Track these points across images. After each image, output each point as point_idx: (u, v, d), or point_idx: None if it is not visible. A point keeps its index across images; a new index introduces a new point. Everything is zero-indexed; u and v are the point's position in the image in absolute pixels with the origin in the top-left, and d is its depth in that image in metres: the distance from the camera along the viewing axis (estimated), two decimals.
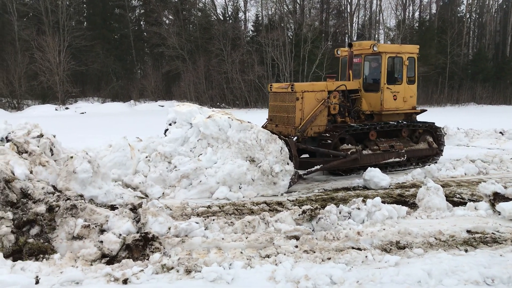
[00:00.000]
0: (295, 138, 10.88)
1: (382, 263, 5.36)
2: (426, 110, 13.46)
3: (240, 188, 8.95)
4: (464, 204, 8.03)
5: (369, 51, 12.00)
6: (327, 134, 11.13)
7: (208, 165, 9.25)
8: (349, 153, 10.84)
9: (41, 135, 7.88)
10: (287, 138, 9.78)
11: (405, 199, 8.83)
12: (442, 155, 12.98)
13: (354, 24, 49.01)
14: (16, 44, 40.93)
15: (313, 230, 6.43)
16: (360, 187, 10.02)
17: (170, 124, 10.53)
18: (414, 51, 12.55)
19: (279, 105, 11.57)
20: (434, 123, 12.91)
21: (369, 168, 10.13)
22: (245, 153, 9.21)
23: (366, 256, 5.51)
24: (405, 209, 7.49)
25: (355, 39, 47.45)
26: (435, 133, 12.87)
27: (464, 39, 47.46)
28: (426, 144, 12.56)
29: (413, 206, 8.14)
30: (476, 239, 6.30)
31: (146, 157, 9.72)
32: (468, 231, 6.60)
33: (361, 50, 12.40)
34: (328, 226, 6.45)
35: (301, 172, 9.92)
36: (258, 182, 9.00)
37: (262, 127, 11.88)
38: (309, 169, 10.21)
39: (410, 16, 48.79)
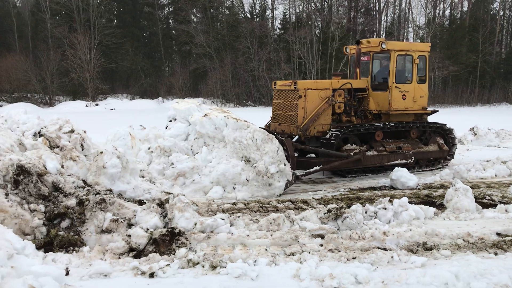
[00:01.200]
0: (297, 137, 10.67)
1: (408, 264, 5.31)
2: (437, 111, 12.99)
3: (234, 188, 8.73)
4: (494, 206, 7.85)
5: (378, 48, 11.57)
6: (328, 135, 10.76)
7: (203, 164, 9.06)
8: (351, 154, 10.52)
9: (72, 131, 8.07)
10: (283, 138, 9.45)
11: (432, 199, 8.70)
12: (453, 157, 12.43)
13: (382, 22, 48.41)
14: (49, 42, 42.03)
15: (338, 229, 6.41)
16: (387, 187, 9.91)
17: (170, 121, 10.39)
18: (425, 49, 12.07)
19: (282, 103, 11.36)
20: (445, 124, 12.40)
21: (396, 168, 10.00)
22: (240, 153, 8.92)
23: (392, 257, 5.46)
24: (432, 210, 7.39)
25: (383, 37, 46.83)
26: (446, 135, 12.35)
27: (497, 37, 46.22)
28: (437, 146, 12.04)
29: (441, 207, 8.02)
30: (507, 242, 6.16)
31: (149, 148, 9.53)
32: (498, 234, 6.47)
33: (370, 48, 12.00)
34: (353, 226, 6.42)
35: (299, 173, 9.64)
36: (252, 183, 8.69)
37: (266, 125, 11.82)
38: (307, 170, 9.96)
39: (441, 14, 47.83)
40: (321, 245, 5.93)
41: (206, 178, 8.86)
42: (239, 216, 6.89)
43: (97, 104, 39.66)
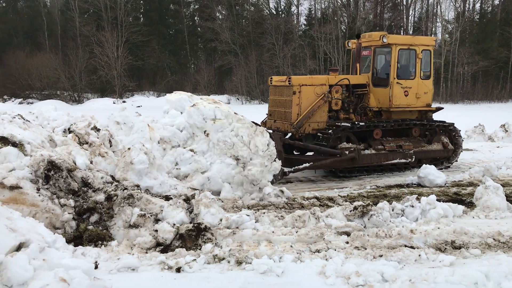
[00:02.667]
0: (289, 134, 10.32)
1: (436, 263, 5.23)
2: (442, 108, 12.45)
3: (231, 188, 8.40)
4: None
5: (379, 42, 11.06)
6: (319, 134, 10.40)
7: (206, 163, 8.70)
8: (346, 152, 10.07)
9: (95, 128, 8.22)
10: (271, 132, 9.04)
11: (461, 197, 8.53)
12: (458, 156, 11.86)
13: (410, 17, 47.60)
14: (77, 40, 42.85)
15: (364, 227, 6.35)
16: (414, 184, 9.77)
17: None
18: (429, 43, 11.52)
19: (278, 99, 10.99)
20: (453, 123, 11.77)
21: (424, 165, 9.84)
22: (228, 152, 8.45)
23: (419, 255, 5.38)
24: (461, 208, 7.25)
25: (411, 32, 46.06)
26: (451, 133, 11.74)
27: None
28: (440, 145, 11.48)
29: (470, 205, 7.86)
30: None
31: (158, 142, 9.07)
32: None
33: (371, 42, 11.49)
34: (380, 223, 6.35)
35: (287, 169, 9.37)
36: (246, 186, 8.34)
37: (262, 122, 11.46)
38: (296, 167, 9.58)
39: (470, 8, 46.71)
40: (347, 242, 5.89)
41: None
42: (264, 213, 6.89)
43: (124, 101, 40.25)
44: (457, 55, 40.19)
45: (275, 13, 47.11)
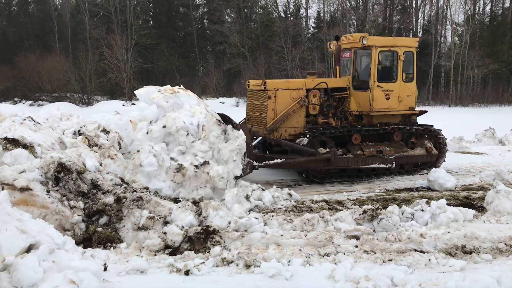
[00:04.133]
0: (260, 138, 9.91)
1: (446, 267, 5.19)
2: (426, 112, 11.88)
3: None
4: None
5: (359, 44, 10.67)
6: (291, 139, 10.05)
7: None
8: (319, 150, 9.69)
9: (104, 130, 8.24)
10: (239, 123, 8.73)
11: (472, 201, 8.45)
12: (445, 160, 11.46)
13: (419, 20, 47.31)
14: (87, 43, 43.14)
15: (374, 231, 6.32)
16: (424, 188, 9.70)
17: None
18: (412, 45, 11.08)
19: (254, 103, 10.69)
20: (432, 125, 11.33)
21: (433, 169, 9.76)
22: (191, 150, 8.11)
23: (429, 259, 5.35)
24: (472, 212, 7.18)
25: (420, 35, 45.84)
26: (435, 138, 11.34)
27: None
28: (424, 150, 11.10)
29: (481, 209, 7.79)
30: None
31: (147, 132, 8.64)
32: None
33: (351, 44, 11.10)
34: (389, 227, 6.31)
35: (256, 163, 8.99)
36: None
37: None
38: (266, 162, 9.22)
39: (480, 10, 46.39)
40: (356, 246, 5.86)
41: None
42: (272, 216, 6.88)
43: (133, 104, 40.36)
44: (467, 58, 39.90)
45: (283, 16, 47.11)
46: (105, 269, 4.95)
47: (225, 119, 8.59)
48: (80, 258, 5.03)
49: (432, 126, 11.33)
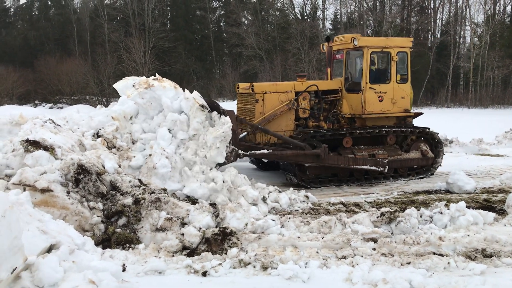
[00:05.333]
0: (245, 134, 9.65)
1: (466, 271, 5.11)
2: (422, 113, 11.73)
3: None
4: None
5: (350, 45, 10.40)
6: (281, 143, 9.73)
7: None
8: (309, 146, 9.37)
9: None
10: (227, 110, 8.55)
11: (492, 204, 8.31)
12: (441, 165, 11.04)
13: (438, 21, 46.79)
14: (106, 46, 43.68)
15: (392, 233, 6.27)
16: (443, 190, 9.58)
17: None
18: (405, 45, 10.74)
19: (243, 107, 10.48)
20: (428, 128, 10.96)
21: (452, 171, 9.63)
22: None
23: (448, 263, 5.28)
24: (492, 215, 7.07)
25: (438, 36, 45.33)
26: (431, 140, 10.97)
27: None
28: (419, 153, 10.73)
29: (501, 212, 7.67)
30: None
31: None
32: None
33: (343, 45, 10.84)
34: (408, 230, 6.25)
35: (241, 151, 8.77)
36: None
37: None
38: (252, 152, 9.01)
39: (501, 10, 45.67)
40: (374, 249, 5.82)
41: None
42: (289, 218, 6.87)
43: None
44: (486, 59, 39.33)
45: (300, 18, 47.06)
46: (123, 270, 5.00)
47: (212, 106, 8.46)
48: (99, 258, 5.10)
49: (428, 128, 10.96)
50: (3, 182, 6.12)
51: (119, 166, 7.33)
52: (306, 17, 47.16)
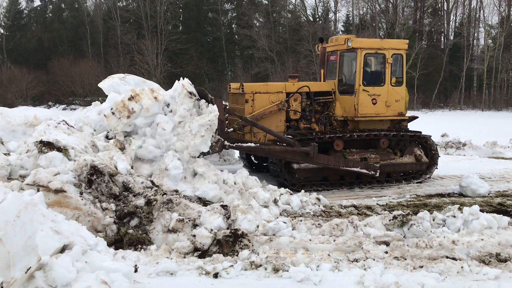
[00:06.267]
0: (231, 129, 9.45)
1: (480, 275, 5.06)
2: (417, 117, 11.33)
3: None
4: None
5: (344, 47, 10.20)
6: (270, 144, 9.46)
7: None
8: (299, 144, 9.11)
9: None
10: (215, 99, 8.40)
11: (506, 208, 8.21)
12: (437, 168, 10.81)
13: (451, 23, 46.43)
14: (118, 48, 44.03)
15: (404, 237, 6.21)
16: (456, 194, 9.49)
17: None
18: (401, 47, 10.51)
19: (234, 107, 10.19)
20: (420, 132, 10.68)
21: (466, 174, 9.53)
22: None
23: (462, 267, 5.23)
24: (506, 219, 6.97)
25: (452, 38, 44.96)
26: (426, 145, 10.69)
27: None
28: (413, 158, 10.42)
29: None
30: None
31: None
32: None
33: (337, 46, 10.65)
34: (420, 233, 6.20)
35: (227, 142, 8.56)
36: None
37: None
38: (238, 143, 8.81)
39: None
40: (386, 252, 5.77)
41: None
42: (301, 220, 6.85)
43: None
44: (501, 61, 38.94)
45: (312, 19, 47.01)
46: (135, 271, 5.03)
47: (201, 94, 8.37)
48: (112, 259, 5.13)
49: (420, 132, 10.70)
50: (18, 183, 6.19)
51: (132, 167, 7.37)
52: (318, 19, 47.09)
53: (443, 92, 42.24)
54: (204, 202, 7.26)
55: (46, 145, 6.77)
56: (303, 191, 8.73)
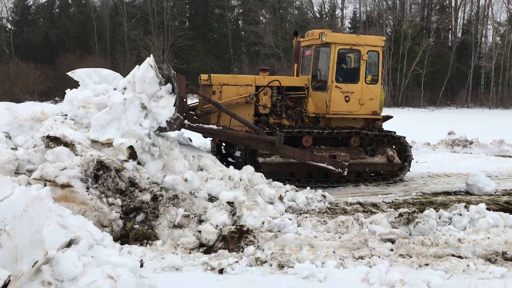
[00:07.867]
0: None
1: (486, 274, 5.03)
2: (391, 117, 11.02)
3: None
4: None
5: (318, 41, 9.91)
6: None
7: None
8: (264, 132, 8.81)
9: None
10: (178, 74, 8.04)
11: None
12: (409, 170, 10.51)
13: (459, 20, 46.15)
14: (125, 44, 44.12)
15: (410, 234, 6.21)
16: (462, 192, 9.46)
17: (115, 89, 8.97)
18: (377, 44, 10.18)
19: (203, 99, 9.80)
20: (394, 132, 10.36)
21: (472, 172, 9.49)
22: None
23: (467, 265, 5.20)
24: None
25: (459, 35, 44.67)
26: (399, 145, 10.44)
27: None
28: (385, 158, 10.14)
29: None
30: None
31: None
32: None
33: (312, 41, 10.35)
34: (426, 231, 6.18)
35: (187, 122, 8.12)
36: None
37: None
38: (199, 124, 8.30)
39: None
40: (392, 249, 5.77)
41: None
42: (306, 217, 6.85)
43: None
44: (509, 59, 38.67)
45: (319, 16, 46.88)
46: (141, 266, 5.05)
47: (165, 74, 8.26)
48: (118, 254, 5.15)
49: (394, 132, 10.41)
50: (25, 177, 6.23)
51: (138, 163, 7.38)
52: (324, 16, 46.93)
53: (450, 89, 42.02)
54: (210, 198, 7.27)
55: (53, 140, 6.81)
56: (308, 188, 8.72)
